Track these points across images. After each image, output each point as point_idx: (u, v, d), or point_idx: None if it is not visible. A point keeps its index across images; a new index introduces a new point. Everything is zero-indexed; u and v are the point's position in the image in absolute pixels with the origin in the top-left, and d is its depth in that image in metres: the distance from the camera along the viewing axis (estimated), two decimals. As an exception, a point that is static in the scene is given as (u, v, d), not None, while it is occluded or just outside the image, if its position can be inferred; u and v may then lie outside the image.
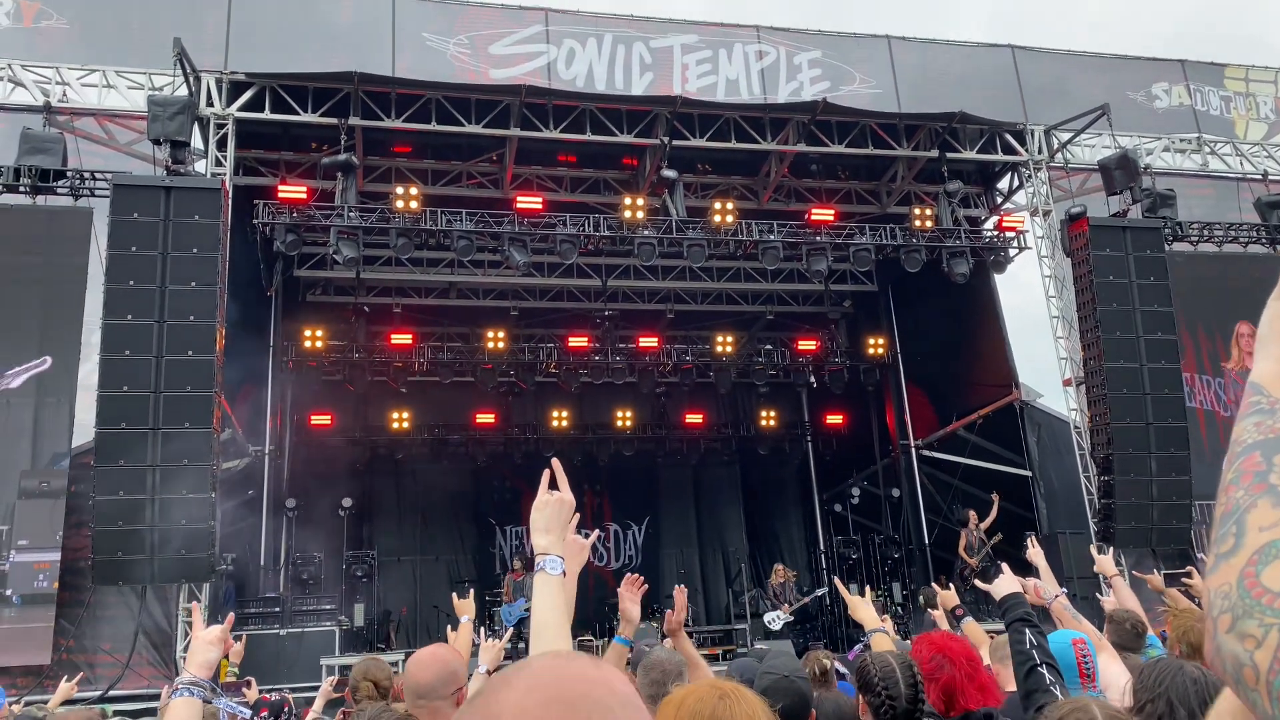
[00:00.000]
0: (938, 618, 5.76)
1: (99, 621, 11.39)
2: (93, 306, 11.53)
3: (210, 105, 12.95)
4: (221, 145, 12.94)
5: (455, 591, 5.44)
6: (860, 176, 17.35)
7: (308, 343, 17.58)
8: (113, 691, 10.72)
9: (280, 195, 13.55)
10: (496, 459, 19.72)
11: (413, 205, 13.72)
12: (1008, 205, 17.17)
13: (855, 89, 15.15)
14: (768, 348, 20.21)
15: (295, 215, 13.43)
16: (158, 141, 11.63)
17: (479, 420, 19.66)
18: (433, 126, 13.77)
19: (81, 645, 11.27)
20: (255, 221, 13.44)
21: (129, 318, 10.86)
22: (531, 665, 1.00)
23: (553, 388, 19.51)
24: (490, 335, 18.13)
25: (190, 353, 10.93)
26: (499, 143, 14.95)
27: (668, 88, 14.43)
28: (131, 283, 10.92)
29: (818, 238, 15.20)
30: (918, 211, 15.36)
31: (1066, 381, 15.26)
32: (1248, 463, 0.90)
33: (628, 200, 14.47)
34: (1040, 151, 15.72)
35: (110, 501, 10.55)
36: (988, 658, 4.19)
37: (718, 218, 14.64)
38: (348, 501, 18.19)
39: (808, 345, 20.16)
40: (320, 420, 18.77)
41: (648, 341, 18.93)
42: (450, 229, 13.88)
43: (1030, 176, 15.89)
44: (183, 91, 12.47)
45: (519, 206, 14.32)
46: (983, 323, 16.93)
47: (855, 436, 21.15)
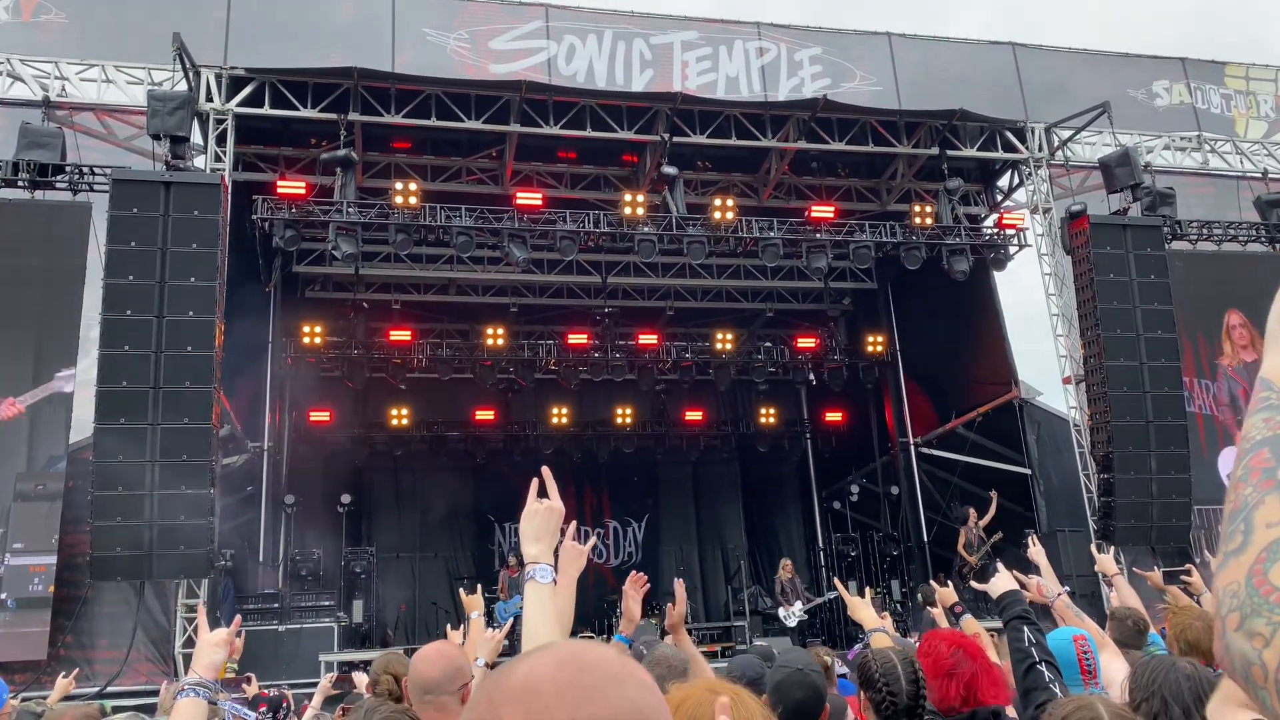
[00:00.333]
0: (937, 615, 5.76)
1: (97, 617, 11.38)
2: (92, 302, 11.51)
3: (210, 100, 12.93)
4: (221, 140, 12.92)
5: (461, 588, 5.43)
6: (860, 174, 17.34)
7: (307, 339, 17.56)
8: (111, 687, 10.71)
9: (279, 191, 13.53)
10: (496, 456, 19.69)
11: (412, 201, 13.70)
12: (1008, 203, 17.17)
13: (856, 86, 15.13)
14: (767, 345, 20.21)
15: (294, 211, 13.41)
16: (157, 137, 11.60)
17: (478, 417, 19.65)
18: (432, 122, 13.75)
19: (79, 641, 11.26)
20: (254, 217, 13.42)
21: (128, 313, 10.84)
22: (558, 642, 1.05)
23: (552, 385, 19.50)
24: (490, 332, 18.11)
25: (189, 348, 10.91)
26: (499, 139, 14.93)
27: (668, 84, 14.42)
28: (131, 278, 10.90)
29: (818, 235, 15.19)
30: (918, 209, 15.35)
31: (1066, 379, 15.26)
32: (1256, 459, 0.90)
33: (628, 197, 14.46)
34: (1040, 149, 15.71)
35: (108, 497, 10.54)
36: (993, 654, 4.18)
37: (718, 215, 14.62)
38: (346, 498, 18.18)
39: (807, 343, 20.16)
40: (319, 416, 18.75)
41: (647, 338, 18.92)
42: (450, 225, 13.85)
43: (1030, 174, 15.88)
44: (182, 86, 12.44)
45: (519, 203, 14.30)
46: (982, 320, 16.93)
47: (854, 434, 21.15)
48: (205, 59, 12.85)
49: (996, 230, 15.92)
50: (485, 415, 19.65)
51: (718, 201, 14.79)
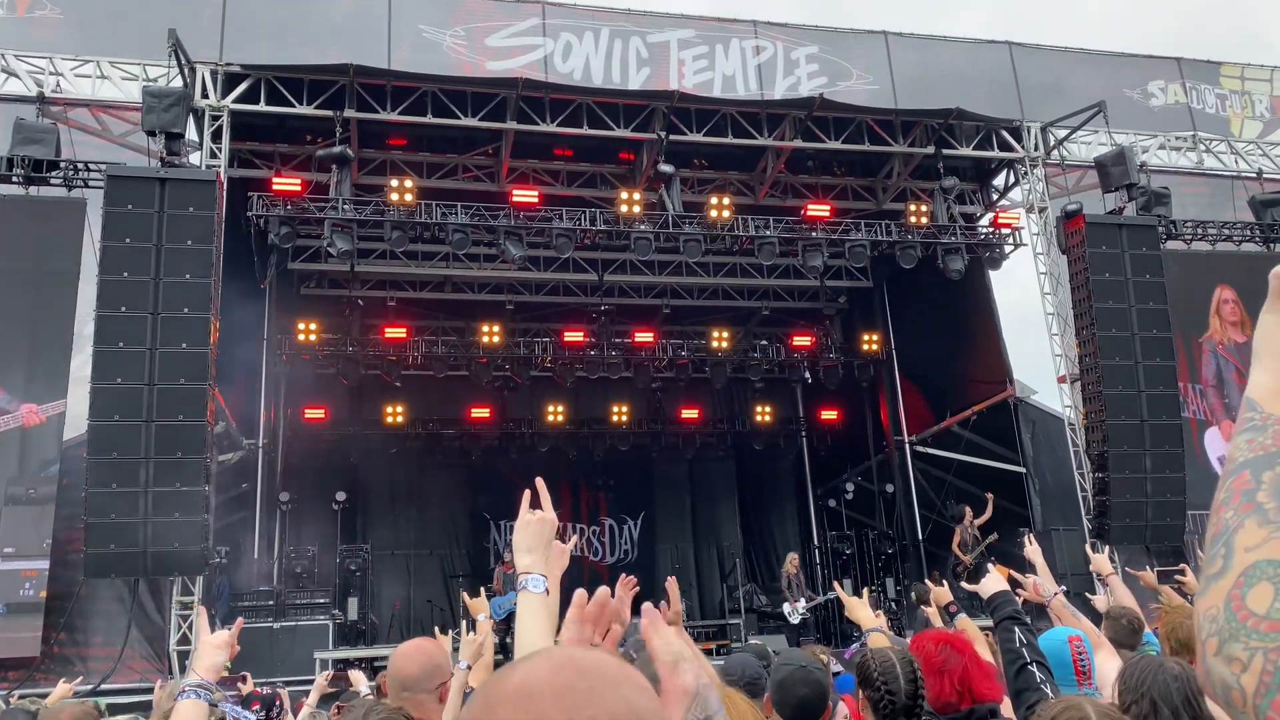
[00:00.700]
0: (931, 614, 5.76)
1: (91, 615, 11.36)
2: (86, 298, 11.49)
3: (205, 97, 12.89)
4: (216, 137, 12.89)
5: (464, 592, 5.41)
6: (856, 173, 17.35)
7: (302, 336, 17.52)
8: (105, 685, 10.68)
9: (275, 188, 13.51)
10: (491, 454, 19.68)
11: (408, 198, 13.67)
12: (1003, 202, 17.19)
13: (852, 85, 15.13)
14: (763, 343, 20.22)
15: (290, 208, 13.39)
16: (152, 133, 11.57)
17: (474, 415, 19.61)
18: (428, 119, 13.73)
19: (73, 639, 11.23)
20: (250, 214, 13.40)
21: (123, 310, 10.81)
22: (544, 648, 1.03)
23: (548, 382, 19.48)
24: (485, 329, 18.09)
25: (184, 345, 10.89)
26: (495, 136, 14.92)
27: (664, 82, 14.41)
28: (125, 274, 10.87)
29: (814, 234, 15.19)
30: (913, 208, 15.36)
31: (1061, 378, 15.28)
32: (1237, 481, 0.91)
33: (624, 195, 14.46)
34: (1036, 148, 15.72)
35: (103, 494, 10.51)
36: (986, 653, 4.19)
37: (714, 213, 14.62)
38: (341, 495, 18.15)
39: (803, 341, 20.17)
40: (314, 414, 18.71)
41: (643, 336, 18.91)
42: (445, 222, 13.84)
43: (1026, 173, 15.90)
44: (177, 83, 12.40)
45: (515, 200, 14.29)
46: (977, 319, 16.95)
47: (850, 432, 21.17)
48: (201, 55, 12.81)
49: (992, 229, 15.93)
50: (481, 413, 19.62)
51: (714, 200, 14.78)
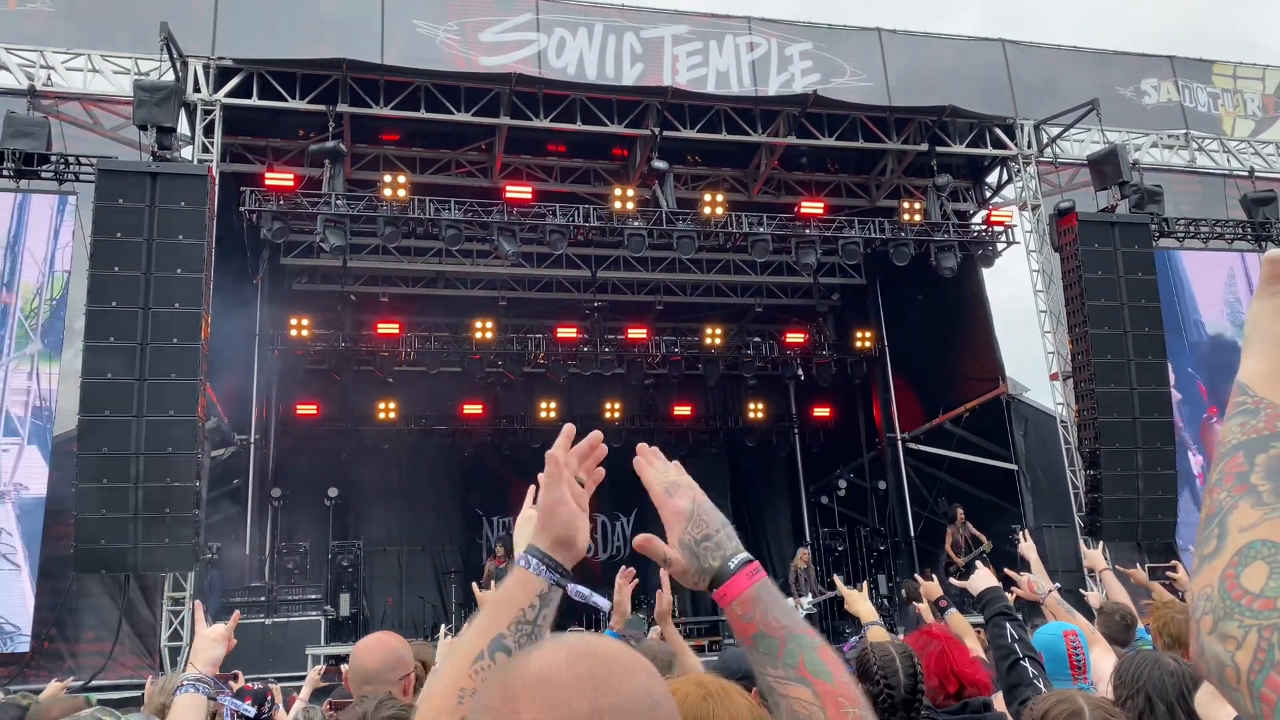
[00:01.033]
0: (923, 610, 5.78)
1: (81, 610, 11.31)
2: (77, 293, 11.43)
3: (197, 91, 12.83)
4: (208, 131, 12.84)
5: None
6: (850, 170, 17.35)
7: (294, 331, 17.48)
8: (96, 681, 10.64)
9: (267, 182, 13.46)
10: (484, 450, 19.65)
11: (401, 194, 13.65)
12: (996, 200, 17.21)
13: (846, 81, 15.12)
14: (756, 340, 20.23)
15: (282, 203, 13.34)
16: (144, 127, 11.52)
17: (466, 411, 19.60)
18: (421, 114, 13.69)
19: (64, 634, 11.18)
20: (242, 209, 13.35)
21: (113, 304, 10.77)
22: (561, 635, 1.04)
23: (541, 379, 19.47)
24: (478, 325, 18.05)
25: (175, 340, 10.85)
26: (488, 131, 14.88)
27: (658, 78, 14.38)
28: (116, 269, 10.83)
29: (807, 231, 15.20)
30: (906, 205, 15.37)
31: (1053, 376, 15.31)
32: (1230, 464, 0.92)
33: (617, 191, 14.45)
34: (1029, 146, 15.75)
35: (93, 489, 10.47)
36: (976, 648, 4.20)
37: (707, 210, 14.62)
38: (334, 491, 18.12)
39: (796, 338, 20.19)
40: (306, 410, 18.68)
41: (636, 333, 18.91)
42: (438, 218, 13.81)
43: (1019, 171, 15.93)
44: (169, 77, 12.35)
45: (508, 196, 14.26)
46: (970, 317, 16.97)
47: (842, 429, 21.20)
48: (193, 49, 12.75)
49: (985, 227, 15.95)
50: (473, 409, 19.60)
51: (707, 196, 14.78)
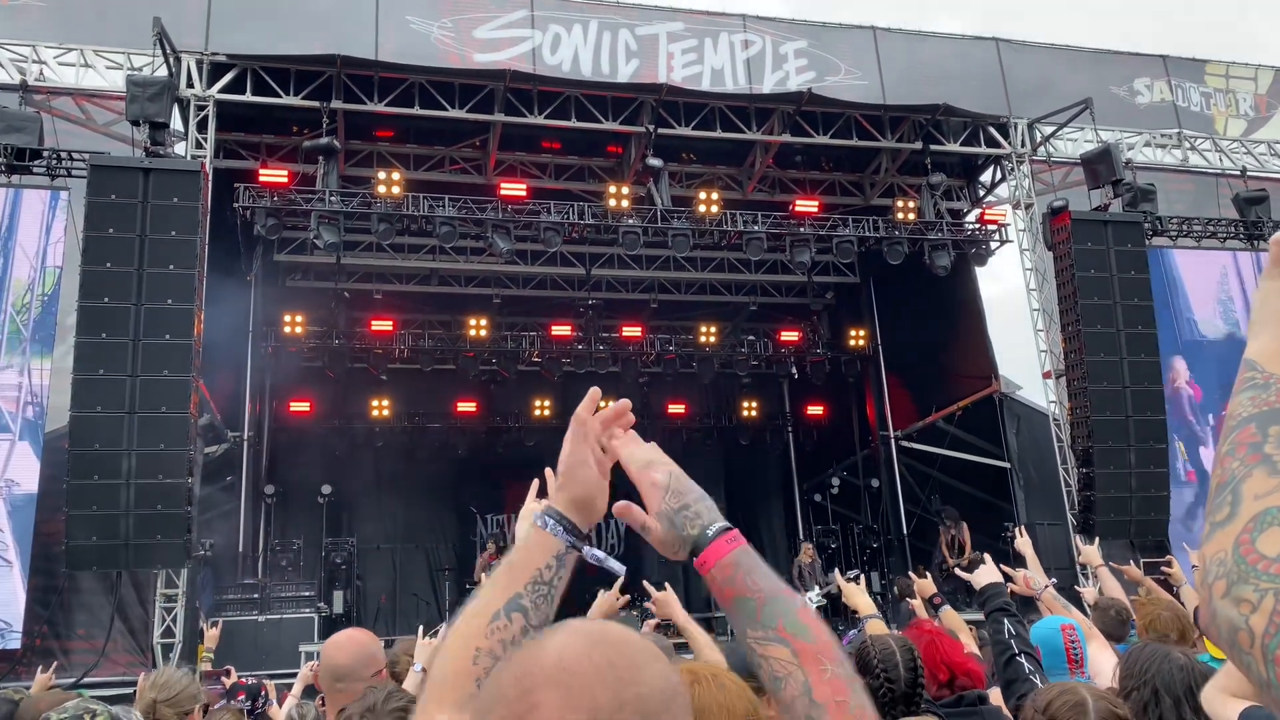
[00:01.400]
0: (916, 607, 5.79)
1: (73, 607, 11.27)
2: (69, 289, 11.39)
3: (190, 86, 12.79)
4: (202, 127, 12.79)
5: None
6: (844, 168, 17.36)
7: (287, 328, 17.43)
8: (88, 678, 10.61)
9: (261, 179, 13.42)
10: (478, 448, 19.63)
11: (395, 190, 13.62)
12: (990, 198, 17.24)
13: (840, 80, 15.13)
14: (750, 338, 20.24)
15: (276, 199, 13.30)
16: (136, 122, 11.47)
17: (460, 409, 19.58)
18: (416, 111, 13.66)
19: (55, 631, 11.14)
20: (235, 205, 13.30)
21: (105, 300, 10.73)
22: (571, 621, 1.03)
23: (535, 377, 19.44)
24: (472, 323, 18.03)
25: (168, 336, 10.81)
26: (483, 128, 14.86)
27: (653, 75, 14.37)
28: (109, 265, 10.78)
29: (801, 229, 15.21)
30: (900, 204, 15.39)
31: (1046, 374, 15.34)
32: (1243, 435, 0.93)
33: (612, 188, 14.43)
34: (1023, 145, 15.76)
35: (84, 486, 10.43)
36: (970, 644, 4.21)
37: (702, 208, 14.62)
38: (327, 489, 18.09)
39: (790, 336, 20.21)
40: (300, 407, 18.64)
41: (631, 331, 18.91)
42: (433, 215, 13.79)
43: (1013, 170, 15.94)
44: (162, 72, 12.30)
45: (503, 193, 14.24)
46: (963, 315, 17.00)
47: (835, 427, 21.22)
48: (186, 44, 12.70)
49: (978, 225, 15.97)
50: (467, 407, 19.58)
51: (702, 195, 14.78)
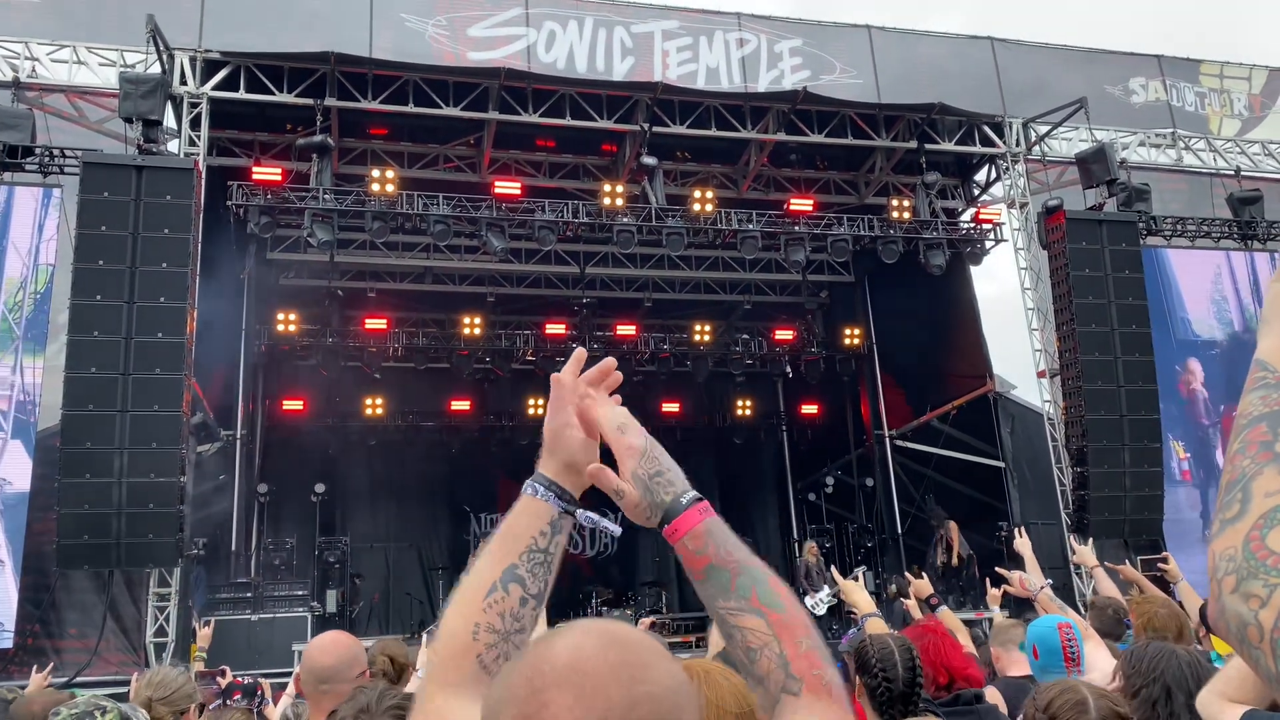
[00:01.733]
0: (910, 607, 5.79)
1: (65, 606, 11.23)
2: (61, 287, 11.34)
3: (184, 84, 12.74)
4: (195, 125, 12.74)
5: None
6: (839, 167, 17.36)
7: (281, 327, 17.39)
8: (80, 678, 10.57)
9: (254, 176, 13.38)
10: (471, 446, 19.61)
11: (389, 188, 13.59)
12: (985, 197, 17.24)
13: (835, 78, 15.13)
14: (745, 337, 20.21)
15: (269, 197, 13.26)
16: (129, 120, 11.43)
17: (454, 407, 19.54)
18: (410, 109, 13.63)
19: (48, 630, 11.10)
20: (229, 203, 13.26)
21: (98, 298, 10.69)
22: (581, 621, 1.02)
23: (529, 375, 19.40)
24: (466, 321, 17.99)
25: (160, 334, 10.78)
26: (477, 126, 14.82)
27: (648, 73, 14.35)
28: (101, 263, 10.74)
29: (796, 228, 15.21)
30: (895, 203, 15.40)
31: (1041, 373, 15.36)
32: (1254, 433, 0.94)
33: (607, 187, 14.42)
34: (1018, 144, 15.78)
35: (76, 484, 10.39)
36: (968, 644, 4.21)
37: (697, 206, 14.61)
38: (320, 487, 18.03)
39: (784, 335, 20.20)
40: (293, 405, 18.60)
41: (625, 330, 18.89)
42: (427, 213, 13.76)
43: (1007, 169, 15.96)
44: (156, 69, 12.25)
45: (497, 191, 14.21)
46: (958, 314, 17.02)
47: (830, 426, 21.24)
48: (179, 41, 12.65)
49: (973, 224, 15.98)
50: (461, 405, 19.55)
51: (697, 193, 14.77)
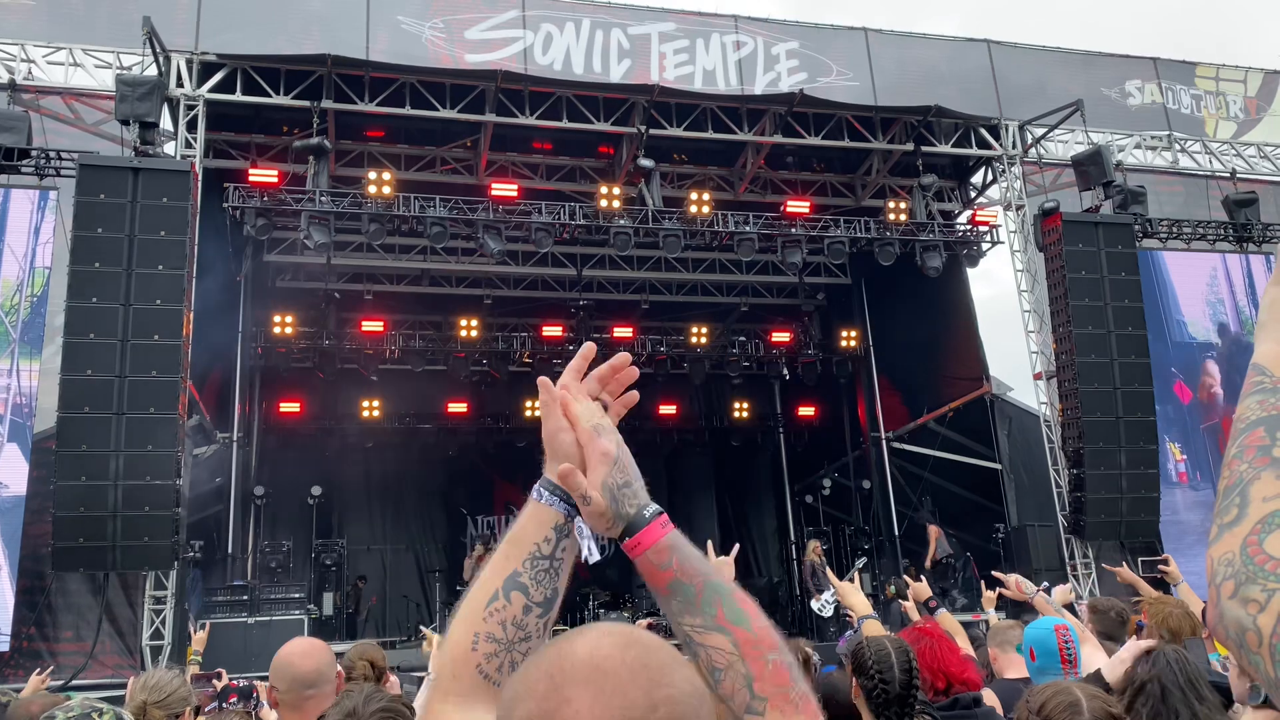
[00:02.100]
0: (908, 609, 5.79)
1: (61, 609, 11.20)
2: (58, 289, 11.32)
3: (180, 86, 12.72)
4: (191, 127, 12.73)
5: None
6: (836, 169, 17.38)
7: (277, 329, 17.37)
8: (76, 680, 10.54)
9: (251, 179, 13.37)
10: (468, 449, 19.60)
11: (385, 190, 13.57)
12: (981, 199, 17.26)
13: (832, 81, 15.14)
14: (741, 339, 20.23)
15: (266, 199, 13.25)
16: (126, 122, 11.42)
17: (451, 409, 19.53)
18: (406, 111, 13.62)
19: (43, 633, 11.07)
20: (225, 205, 13.26)
21: (94, 300, 10.68)
22: (599, 624, 1.02)
23: (526, 377, 19.33)
24: (463, 324, 17.98)
25: (156, 337, 10.76)
26: (474, 128, 14.82)
27: (645, 75, 14.35)
28: (97, 265, 10.73)
29: (793, 230, 15.22)
30: (892, 205, 15.41)
31: (1037, 375, 15.37)
32: (1251, 438, 0.94)
33: (604, 189, 14.41)
34: (1014, 146, 15.80)
35: (72, 487, 10.37)
36: (966, 647, 4.21)
37: (694, 208, 14.61)
38: (317, 490, 18.02)
39: (781, 337, 20.21)
40: (289, 408, 18.58)
41: (622, 332, 18.88)
42: (423, 215, 13.75)
43: (1004, 171, 15.97)
44: (152, 71, 12.24)
45: (494, 194, 14.21)
46: (955, 316, 17.03)
47: (827, 428, 21.24)
48: (176, 44, 12.64)
49: (970, 227, 16.00)
50: (458, 408, 19.54)
51: (694, 195, 14.77)
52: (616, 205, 14.31)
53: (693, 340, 19.35)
